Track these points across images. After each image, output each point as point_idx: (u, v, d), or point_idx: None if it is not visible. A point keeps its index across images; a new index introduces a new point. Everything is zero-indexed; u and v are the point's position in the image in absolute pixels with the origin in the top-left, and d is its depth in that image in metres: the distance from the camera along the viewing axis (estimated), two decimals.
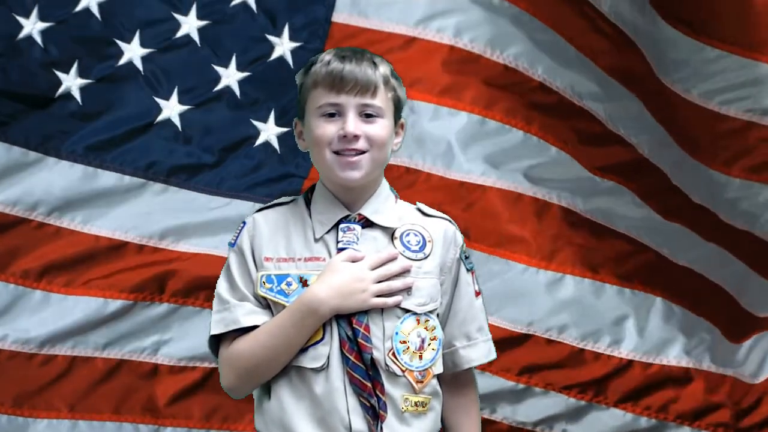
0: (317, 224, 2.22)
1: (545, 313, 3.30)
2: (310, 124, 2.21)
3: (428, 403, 2.20)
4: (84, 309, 3.11)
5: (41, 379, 3.10)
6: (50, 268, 3.12)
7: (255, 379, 2.19)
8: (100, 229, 3.16)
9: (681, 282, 3.40)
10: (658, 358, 3.35)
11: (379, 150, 2.20)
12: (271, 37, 3.25)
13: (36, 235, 3.13)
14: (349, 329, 2.15)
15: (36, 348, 3.09)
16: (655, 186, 3.39)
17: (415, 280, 2.19)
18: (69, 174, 3.15)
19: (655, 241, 3.39)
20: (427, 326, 2.20)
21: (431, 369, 2.20)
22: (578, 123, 3.33)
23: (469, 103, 3.27)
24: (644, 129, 3.35)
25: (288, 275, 2.19)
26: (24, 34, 3.11)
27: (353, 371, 2.13)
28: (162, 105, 3.19)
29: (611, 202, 3.37)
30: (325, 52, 2.23)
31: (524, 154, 3.30)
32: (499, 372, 3.25)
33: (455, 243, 2.27)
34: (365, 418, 2.13)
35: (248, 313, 2.19)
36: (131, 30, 3.18)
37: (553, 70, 3.30)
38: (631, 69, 3.31)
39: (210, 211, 3.23)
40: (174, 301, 3.17)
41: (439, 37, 3.27)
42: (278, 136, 3.26)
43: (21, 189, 3.12)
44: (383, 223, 2.23)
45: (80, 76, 3.17)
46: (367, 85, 2.17)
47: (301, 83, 2.24)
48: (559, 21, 3.28)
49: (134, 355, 3.15)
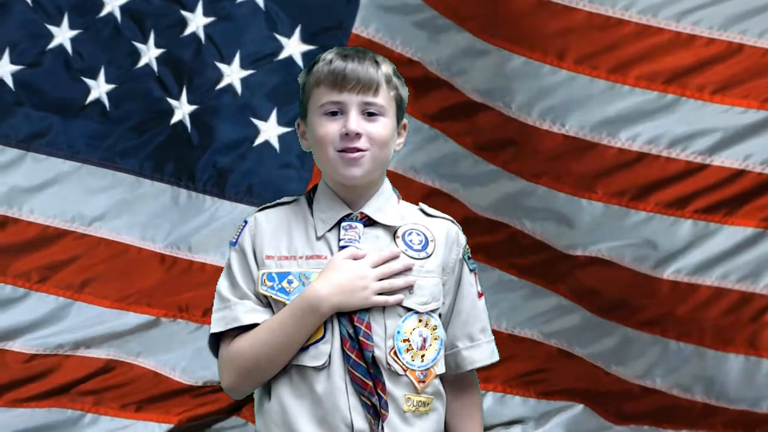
0: (319, 222, 2.21)
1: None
2: (312, 123, 2.21)
3: (430, 404, 2.18)
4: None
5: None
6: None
7: (256, 378, 2.18)
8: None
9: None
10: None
11: (380, 149, 2.20)
12: (280, 37, 3.27)
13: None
14: (351, 327, 2.14)
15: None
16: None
17: (417, 278, 2.18)
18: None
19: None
20: (428, 325, 2.19)
21: (433, 369, 2.18)
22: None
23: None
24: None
25: (289, 273, 2.18)
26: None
27: (354, 370, 2.12)
28: (174, 105, 3.23)
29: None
30: (327, 51, 2.23)
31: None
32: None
33: (458, 243, 2.26)
34: (366, 417, 2.12)
35: (249, 311, 2.18)
36: (146, 31, 3.23)
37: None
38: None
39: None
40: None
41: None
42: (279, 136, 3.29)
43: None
44: (385, 221, 2.22)
45: (107, 82, 3.22)
46: (370, 83, 2.18)
47: (303, 82, 2.25)
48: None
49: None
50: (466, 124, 3.40)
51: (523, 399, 3.47)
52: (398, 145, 2.27)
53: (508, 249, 3.45)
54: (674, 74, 3.28)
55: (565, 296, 3.44)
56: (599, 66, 3.28)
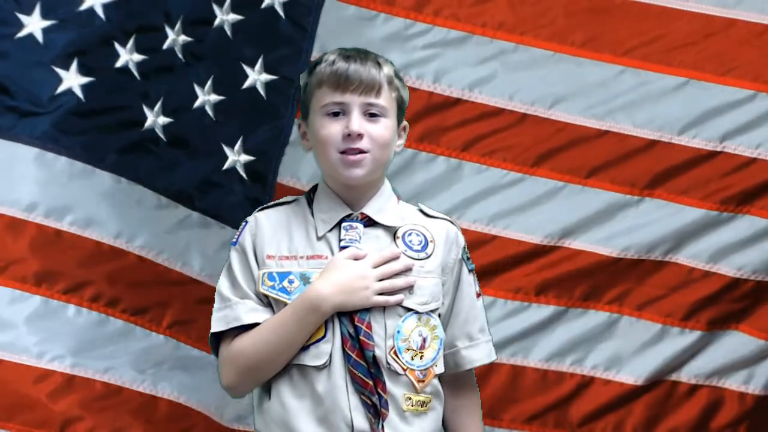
0: (320, 222, 2.22)
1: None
2: (314, 124, 2.22)
3: (429, 403, 2.20)
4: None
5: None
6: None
7: (256, 377, 2.19)
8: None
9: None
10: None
11: (381, 150, 2.21)
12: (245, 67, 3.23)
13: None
14: (351, 327, 2.15)
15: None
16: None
17: (417, 279, 2.20)
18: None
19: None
20: (428, 325, 2.20)
21: (432, 368, 2.20)
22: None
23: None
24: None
25: (290, 273, 2.19)
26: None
27: (355, 369, 2.13)
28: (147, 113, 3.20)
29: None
30: (329, 52, 2.25)
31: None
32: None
33: (457, 244, 2.28)
34: (367, 416, 2.13)
35: (250, 311, 2.19)
36: (127, 34, 3.19)
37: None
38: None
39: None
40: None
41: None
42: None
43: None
44: (386, 222, 2.23)
45: (80, 73, 3.17)
46: (372, 84, 2.19)
47: (305, 83, 2.26)
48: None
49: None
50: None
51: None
52: (399, 147, 2.29)
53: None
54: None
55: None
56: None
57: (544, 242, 3.23)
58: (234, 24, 3.15)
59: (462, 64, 3.21)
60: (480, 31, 3.22)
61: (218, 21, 3.14)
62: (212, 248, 3.05)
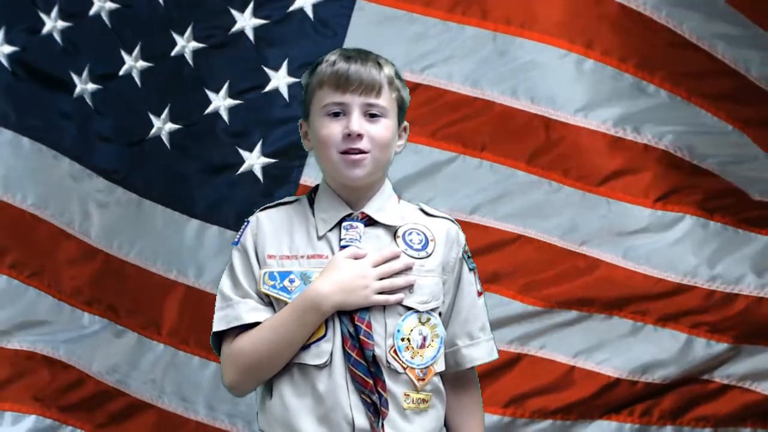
0: (320, 222, 2.24)
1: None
2: (315, 124, 2.24)
3: (430, 401, 2.21)
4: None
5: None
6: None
7: (257, 376, 2.20)
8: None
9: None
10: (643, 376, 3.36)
11: (381, 151, 2.22)
12: (267, 69, 3.24)
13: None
14: (352, 326, 2.16)
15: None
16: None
17: (418, 278, 2.21)
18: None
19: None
20: (428, 324, 2.21)
21: (433, 367, 2.21)
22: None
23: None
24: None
25: (291, 272, 2.20)
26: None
27: (355, 368, 2.14)
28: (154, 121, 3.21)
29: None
30: (330, 53, 2.26)
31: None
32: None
33: (458, 242, 2.29)
34: (367, 414, 2.14)
35: (251, 310, 2.20)
36: (133, 42, 3.21)
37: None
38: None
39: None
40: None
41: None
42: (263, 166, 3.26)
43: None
44: (386, 221, 2.24)
45: (83, 84, 3.20)
46: (372, 84, 2.20)
47: (306, 83, 2.27)
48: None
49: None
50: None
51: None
52: (399, 147, 2.30)
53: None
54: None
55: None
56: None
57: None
58: (256, 29, 3.18)
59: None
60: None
61: (238, 26, 3.16)
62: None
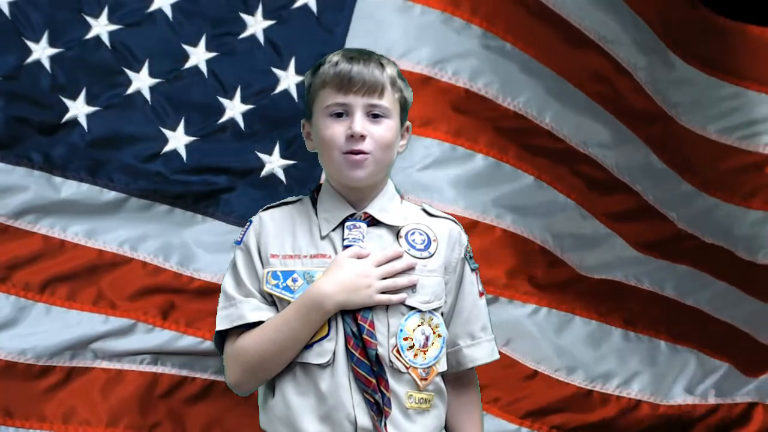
0: (323, 222, 2.25)
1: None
2: (318, 124, 2.25)
3: (432, 401, 2.21)
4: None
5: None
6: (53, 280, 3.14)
7: (260, 375, 2.20)
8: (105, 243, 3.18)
9: (688, 323, 3.41)
10: (665, 399, 3.34)
11: (384, 151, 2.23)
12: (276, 70, 3.27)
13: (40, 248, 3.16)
14: (355, 325, 2.17)
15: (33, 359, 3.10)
16: (660, 232, 3.40)
17: (420, 277, 2.21)
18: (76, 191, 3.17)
19: (659, 284, 3.40)
20: (431, 324, 2.22)
21: (435, 366, 2.21)
22: (585, 169, 3.32)
23: (484, 146, 3.28)
24: (650, 175, 3.36)
25: (294, 272, 2.21)
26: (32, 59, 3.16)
27: (358, 367, 2.15)
28: (168, 135, 3.22)
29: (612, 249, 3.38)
30: (333, 53, 2.27)
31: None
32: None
33: (460, 243, 2.30)
34: (370, 414, 2.15)
35: (254, 309, 2.21)
36: (140, 59, 3.22)
37: (561, 116, 3.27)
38: (641, 112, 3.33)
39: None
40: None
41: (455, 80, 3.28)
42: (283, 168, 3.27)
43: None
44: (389, 221, 2.25)
45: (88, 104, 3.20)
46: (375, 85, 2.21)
47: (309, 84, 2.28)
48: (567, 67, 3.31)
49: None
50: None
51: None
52: (401, 147, 2.30)
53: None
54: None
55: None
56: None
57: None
58: (265, 30, 3.19)
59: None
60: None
61: (248, 32, 3.17)
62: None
